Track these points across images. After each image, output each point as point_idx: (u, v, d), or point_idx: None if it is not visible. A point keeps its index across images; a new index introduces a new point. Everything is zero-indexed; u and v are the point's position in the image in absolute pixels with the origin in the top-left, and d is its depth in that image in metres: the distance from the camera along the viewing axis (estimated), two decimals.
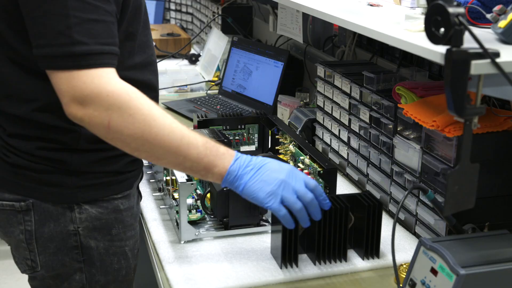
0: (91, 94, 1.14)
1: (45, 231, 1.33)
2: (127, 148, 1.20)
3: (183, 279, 1.33)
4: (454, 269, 1.17)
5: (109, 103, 1.14)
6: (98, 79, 1.14)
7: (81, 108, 1.14)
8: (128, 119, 1.15)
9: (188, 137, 1.21)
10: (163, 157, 1.21)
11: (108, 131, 1.16)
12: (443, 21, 1.04)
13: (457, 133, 1.34)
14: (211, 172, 1.24)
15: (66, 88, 1.14)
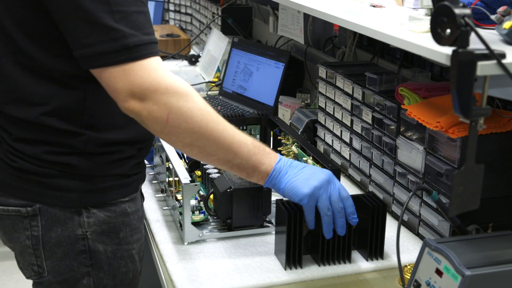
0: (150, 87, 1.14)
1: (52, 236, 1.32)
2: (180, 144, 1.21)
3: (187, 280, 1.33)
4: (459, 270, 1.17)
5: (168, 97, 1.15)
6: (155, 72, 1.15)
7: (139, 102, 1.15)
8: (186, 113, 1.17)
9: (239, 135, 1.24)
10: (214, 153, 1.22)
11: (166, 125, 1.16)
12: (449, 22, 1.04)
13: (461, 134, 1.34)
14: (257, 170, 1.27)
15: (123, 84, 1.15)
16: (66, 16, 1.15)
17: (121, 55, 1.14)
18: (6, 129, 1.31)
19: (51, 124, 1.26)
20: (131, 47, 1.14)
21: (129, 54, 1.14)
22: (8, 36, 1.24)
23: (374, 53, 2.37)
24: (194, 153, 1.24)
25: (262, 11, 3.23)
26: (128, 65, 1.14)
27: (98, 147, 1.30)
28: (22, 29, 1.22)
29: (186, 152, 1.25)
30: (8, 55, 1.26)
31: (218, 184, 1.50)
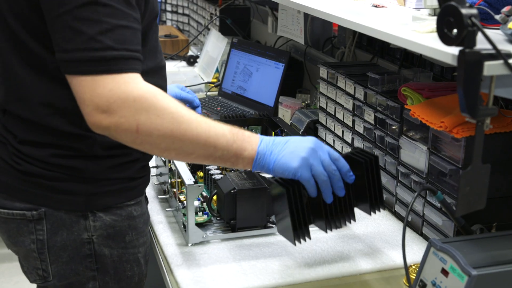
0: (118, 100, 1.11)
1: (57, 240, 1.31)
2: (156, 150, 1.18)
3: (192, 281, 1.33)
4: (465, 270, 1.17)
5: (136, 108, 1.12)
6: (125, 85, 1.12)
7: (106, 116, 1.12)
8: (157, 120, 1.14)
9: (214, 127, 1.21)
10: (193, 152, 1.20)
11: (137, 135, 1.14)
12: (456, 22, 1.04)
13: (465, 134, 1.34)
14: (241, 157, 1.24)
15: (90, 96, 1.12)
16: (54, 18, 1.13)
17: (95, 65, 1.11)
18: (11, 131, 1.30)
19: (57, 126, 1.25)
20: (108, 59, 1.11)
21: (103, 66, 1.11)
22: (13, 34, 1.23)
23: (373, 53, 2.37)
24: (173, 156, 1.22)
25: (261, 11, 3.23)
26: (100, 76, 1.11)
27: (104, 150, 1.29)
28: (26, 28, 1.21)
29: (164, 156, 1.23)
30: (14, 53, 1.25)
31: (222, 185, 1.50)
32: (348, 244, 1.49)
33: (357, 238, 1.52)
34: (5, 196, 1.32)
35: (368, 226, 1.58)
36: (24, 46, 1.22)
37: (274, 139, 1.28)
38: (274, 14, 2.93)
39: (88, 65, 1.11)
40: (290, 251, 1.45)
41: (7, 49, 1.25)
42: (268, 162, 1.25)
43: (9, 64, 1.26)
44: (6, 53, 1.26)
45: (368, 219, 1.62)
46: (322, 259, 1.42)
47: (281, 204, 1.30)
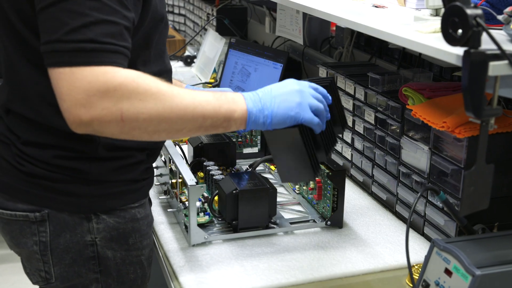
0: (97, 93, 1.06)
1: (60, 242, 1.30)
2: (145, 134, 1.14)
3: (196, 283, 1.32)
4: (469, 270, 1.17)
5: (117, 97, 1.07)
6: (104, 76, 1.07)
7: (86, 111, 1.06)
8: (140, 104, 1.09)
9: (198, 97, 1.17)
10: (182, 127, 1.16)
11: (123, 124, 1.09)
12: (461, 23, 1.04)
13: (467, 134, 1.34)
14: (232, 120, 1.21)
15: (67, 90, 1.06)
16: (40, 10, 1.10)
17: (74, 57, 1.06)
18: (14, 132, 1.29)
19: (60, 127, 1.23)
20: (87, 50, 1.07)
21: (82, 58, 1.06)
22: (16, 32, 1.22)
23: (372, 54, 2.38)
24: (163, 137, 1.19)
25: (258, 11, 3.23)
26: (78, 68, 1.06)
27: (108, 152, 1.28)
28: (28, 25, 1.20)
29: (154, 139, 1.17)
30: (18, 51, 1.24)
31: (223, 186, 1.50)
32: (350, 244, 1.49)
33: (359, 238, 1.52)
34: (8, 197, 1.31)
35: (369, 226, 1.59)
36: (27, 45, 1.21)
37: (257, 94, 1.25)
38: (271, 14, 2.92)
39: (67, 57, 1.07)
40: (292, 252, 1.45)
41: (10, 48, 1.25)
42: (264, 118, 1.23)
43: (13, 63, 1.25)
44: (10, 52, 1.25)
45: (369, 219, 1.62)
46: (324, 259, 1.42)
47: (289, 147, 1.28)
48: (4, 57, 1.28)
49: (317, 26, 2.74)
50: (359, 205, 1.70)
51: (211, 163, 1.70)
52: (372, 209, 1.69)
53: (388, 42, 2.32)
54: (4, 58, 1.28)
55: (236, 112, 1.21)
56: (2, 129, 1.32)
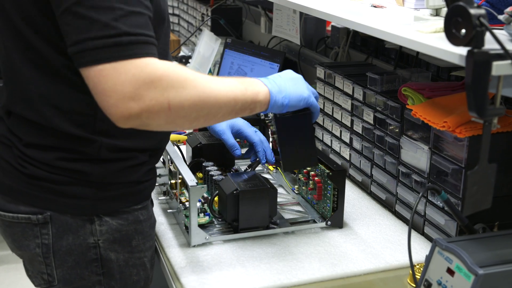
0: (144, 85, 1.06)
1: (63, 244, 1.29)
2: (187, 122, 1.16)
3: (198, 283, 1.32)
4: (472, 269, 1.18)
5: (163, 86, 1.08)
6: (146, 68, 1.08)
7: (135, 104, 1.06)
8: (183, 92, 1.11)
9: (226, 81, 1.22)
10: (218, 111, 1.20)
11: (169, 113, 1.10)
12: (464, 23, 1.04)
13: (468, 134, 1.35)
14: (257, 101, 1.26)
15: (112, 85, 1.06)
16: (64, 11, 1.09)
17: (113, 51, 1.06)
18: (16, 134, 1.28)
19: (63, 129, 1.23)
20: (124, 44, 1.07)
21: (121, 52, 1.06)
22: (18, 33, 1.21)
23: (368, 54, 2.38)
24: (201, 122, 1.21)
25: (253, 12, 3.23)
26: (120, 63, 1.06)
27: (111, 154, 1.27)
28: (31, 26, 1.19)
29: (193, 126, 1.21)
30: (20, 52, 1.22)
31: (224, 186, 1.49)
32: (351, 244, 1.49)
33: (360, 238, 1.52)
34: (9, 199, 1.30)
35: (370, 226, 1.59)
36: (30, 46, 1.20)
37: (270, 78, 1.33)
38: (267, 14, 2.93)
39: (106, 53, 1.06)
40: (293, 252, 1.45)
41: (12, 49, 1.24)
42: (282, 99, 1.30)
43: (15, 64, 1.24)
44: (11, 53, 1.24)
45: (369, 219, 1.62)
46: (326, 259, 1.42)
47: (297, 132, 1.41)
48: (5, 58, 1.27)
49: (312, 26, 2.74)
50: (359, 205, 1.70)
51: (210, 163, 1.70)
52: (371, 208, 1.69)
53: (384, 42, 2.33)
54: (5, 60, 1.27)
55: (260, 93, 1.27)
56: (3, 131, 1.31)
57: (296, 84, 1.35)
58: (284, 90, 1.31)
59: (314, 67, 2.59)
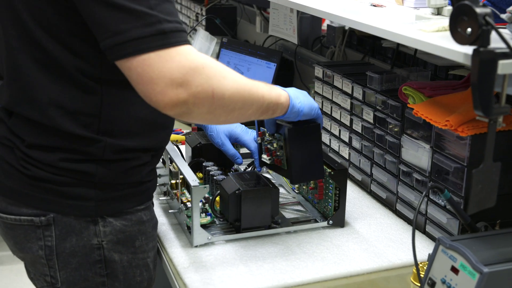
0: (190, 71, 1.08)
1: (66, 246, 1.28)
2: (224, 114, 1.18)
3: (201, 283, 1.32)
4: (477, 268, 1.18)
5: (207, 74, 1.11)
6: (190, 55, 1.10)
7: (183, 90, 1.08)
8: (224, 81, 1.14)
9: (253, 80, 1.25)
10: (250, 107, 1.22)
11: (212, 101, 1.12)
12: (470, 21, 1.04)
13: (470, 132, 1.35)
14: (280, 103, 1.31)
15: (160, 72, 1.07)
16: (94, 5, 1.09)
17: (157, 40, 1.07)
18: (18, 135, 1.26)
19: (67, 129, 1.22)
20: (166, 32, 1.08)
21: (165, 40, 1.07)
22: (27, 32, 1.20)
23: (364, 53, 2.38)
24: (235, 116, 1.22)
25: (247, 11, 3.22)
26: (165, 51, 1.07)
27: (115, 154, 1.26)
28: (42, 25, 1.18)
29: (227, 121, 1.22)
30: (26, 52, 1.21)
31: (226, 186, 1.49)
32: (353, 243, 1.49)
33: (361, 237, 1.52)
34: (11, 201, 1.29)
35: (371, 224, 1.59)
36: (37, 45, 1.19)
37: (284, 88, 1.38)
38: (262, 13, 2.92)
39: (150, 42, 1.07)
40: (295, 251, 1.45)
41: (18, 48, 1.22)
42: (298, 105, 1.36)
43: (19, 64, 1.23)
44: (16, 53, 1.23)
45: (370, 218, 1.63)
46: (328, 258, 1.42)
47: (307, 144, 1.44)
48: (9, 58, 1.25)
49: (308, 25, 2.74)
50: (359, 204, 1.71)
51: (210, 163, 1.70)
52: (372, 207, 1.69)
53: (381, 41, 2.33)
54: (8, 59, 1.26)
55: (282, 96, 1.32)
56: (4, 132, 1.29)
57: (305, 95, 1.40)
58: (299, 97, 1.36)
59: (310, 66, 2.60)
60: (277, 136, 1.52)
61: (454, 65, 1.93)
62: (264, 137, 1.61)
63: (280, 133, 1.49)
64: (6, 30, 1.24)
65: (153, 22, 1.08)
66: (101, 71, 1.20)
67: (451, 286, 1.23)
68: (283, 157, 1.49)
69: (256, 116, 1.28)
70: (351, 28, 2.50)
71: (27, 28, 1.19)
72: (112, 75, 1.21)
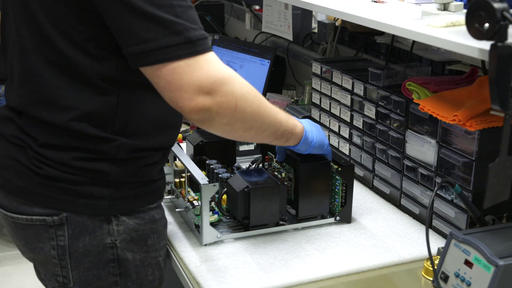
0: (217, 80, 1.11)
1: (79, 245, 1.27)
2: (241, 130, 1.21)
3: (215, 282, 1.31)
4: (492, 261, 1.19)
5: (233, 86, 1.14)
6: (216, 64, 1.13)
7: (209, 98, 1.11)
8: (249, 97, 1.17)
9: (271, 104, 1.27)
10: (267, 129, 1.26)
11: (234, 114, 1.15)
12: (488, 17, 1.05)
13: (479, 127, 1.36)
14: (294, 132, 1.36)
15: (189, 80, 1.09)
16: (120, 12, 1.09)
17: (185, 48, 1.09)
18: (30, 134, 1.24)
19: (81, 130, 1.20)
20: (194, 40, 1.10)
21: (192, 48, 1.10)
22: (42, 34, 1.18)
23: (357, 49, 2.39)
24: (251, 135, 1.25)
25: (236, 8, 3.21)
26: (193, 59, 1.10)
27: (128, 153, 1.25)
28: (59, 27, 1.16)
29: (242, 137, 1.24)
30: (40, 53, 1.20)
31: (233, 184, 1.48)
32: (362, 239, 1.50)
33: (369, 232, 1.53)
34: (23, 201, 1.27)
35: (377, 220, 1.60)
36: (52, 47, 1.18)
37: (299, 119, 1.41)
38: (252, 10, 2.92)
39: (177, 50, 1.09)
40: (305, 248, 1.45)
41: (32, 50, 1.21)
42: (311, 137, 1.41)
43: (33, 65, 1.21)
44: (31, 54, 1.21)
45: (375, 213, 1.63)
46: (339, 254, 1.42)
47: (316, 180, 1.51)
48: (22, 59, 1.24)
49: (298, 21, 2.74)
50: (363, 200, 1.71)
51: (213, 161, 1.69)
52: (376, 203, 1.70)
53: (375, 37, 2.34)
54: (21, 61, 1.24)
55: (297, 126, 1.36)
56: (15, 131, 1.28)
57: (318, 130, 1.45)
58: (312, 131, 1.42)
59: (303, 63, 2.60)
60: (287, 167, 1.56)
61: (450, 60, 1.95)
62: (272, 163, 1.64)
63: (290, 165, 1.54)
64: (20, 31, 1.22)
65: (181, 30, 1.09)
66: (117, 72, 1.20)
67: (465, 280, 1.24)
68: (291, 188, 1.54)
69: (270, 140, 1.31)
70: (342, 24, 2.51)
71: (42, 29, 1.18)
72: (128, 77, 1.21)
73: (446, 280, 1.28)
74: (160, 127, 1.30)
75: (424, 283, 1.36)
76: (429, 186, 1.55)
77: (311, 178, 1.51)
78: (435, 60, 1.97)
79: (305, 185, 1.51)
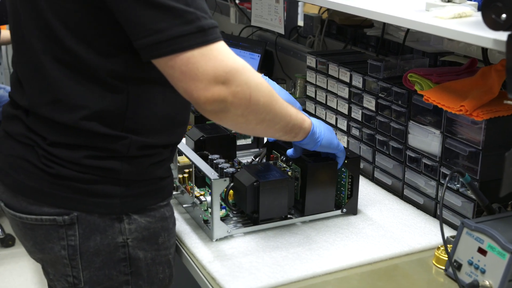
0: (232, 69, 1.09)
1: (90, 245, 1.25)
2: (254, 122, 1.19)
3: (231, 277, 1.30)
4: (507, 248, 1.21)
5: (247, 76, 1.12)
6: (230, 54, 1.11)
7: (224, 87, 1.09)
8: (262, 88, 1.16)
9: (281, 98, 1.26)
10: (278, 122, 1.25)
11: (248, 104, 1.14)
12: (505, 7, 1.07)
13: (485, 117, 1.38)
14: (303, 127, 1.35)
15: (204, 70, 1.07)
16: (130, 4, 1.07)
17: (198, 37, 1.07)
18: (39, 134, 1.22)
19: (91, 129, 1.18)
20: (206, 29, 1.08)
21: (205, 37, 1.08)
22: (50, 32, 1.16)
23: (346, 42, 2.41)
24: (263, 128, 1.23)
25: (219, 3, 3.20)
26: (206, 48, 1.08)
27: (139, 151, 1.24)
28: (67, 25, 1.14)
29: (254, 130, 1.22)
30: (49, 52, 1.17)
31: (241, 178, 1.48)
32: (371, 230, 1.51)
33: (376, 223, 1.54)
34: (32, 201, 1.25)
35: (382, 211, 1.61)
36: (61, 45, 1.16)
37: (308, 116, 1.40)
38: (236, 4, 2.91)
39: (190, 39, 1.07)
40: (316, 240, 1.45)
41: (41, 49, 1.18)
42: (318, 134, 1.40)
43: (42, 65, 1.19)
44: (39, 54, 1.18)
45: (380, 205, 1.65)
46: (350, 246, 1.43)
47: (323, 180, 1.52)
48: (30, 58, 1.21)
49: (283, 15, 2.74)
50: (365, 191, 1.72)
51: (216, 156, 1.68)
52: (378, 194, 1.71)
53: (364, 30, 2.36)
54: (29, 61, 1.22)
55: (305, 121, 1.35)
56: (22, 130, 1.25)
57: (328, 129, 1.45)
58: (320, 128, 1.41)
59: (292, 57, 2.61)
60: (293, 167, 1.56)
61: (443, 51, 1.97)
62: (277, 162, 1.64)
63: (297, 165, 1.54)
64: (28, 30, 1.20)
65: (193, 19, 1.07)
66: (126, 69, 1.18)
67: (479, 267, 1.26)
68: (297, 187, 1.54)
69: (280, 134, 1.30)
70: (330, 18, 2.52)
71: (51, 28, 1.16)
72: (137, 73, 1.20)
73: (460, 268, 1.30)
74: (169, 124, 1.29)
75: (435, 272, 1.37)
76: (433, 176, 1.57)
77: (318, 178, 1.51)
78: (427, 51, 1.99)
79: (311, 185, 1.51)
